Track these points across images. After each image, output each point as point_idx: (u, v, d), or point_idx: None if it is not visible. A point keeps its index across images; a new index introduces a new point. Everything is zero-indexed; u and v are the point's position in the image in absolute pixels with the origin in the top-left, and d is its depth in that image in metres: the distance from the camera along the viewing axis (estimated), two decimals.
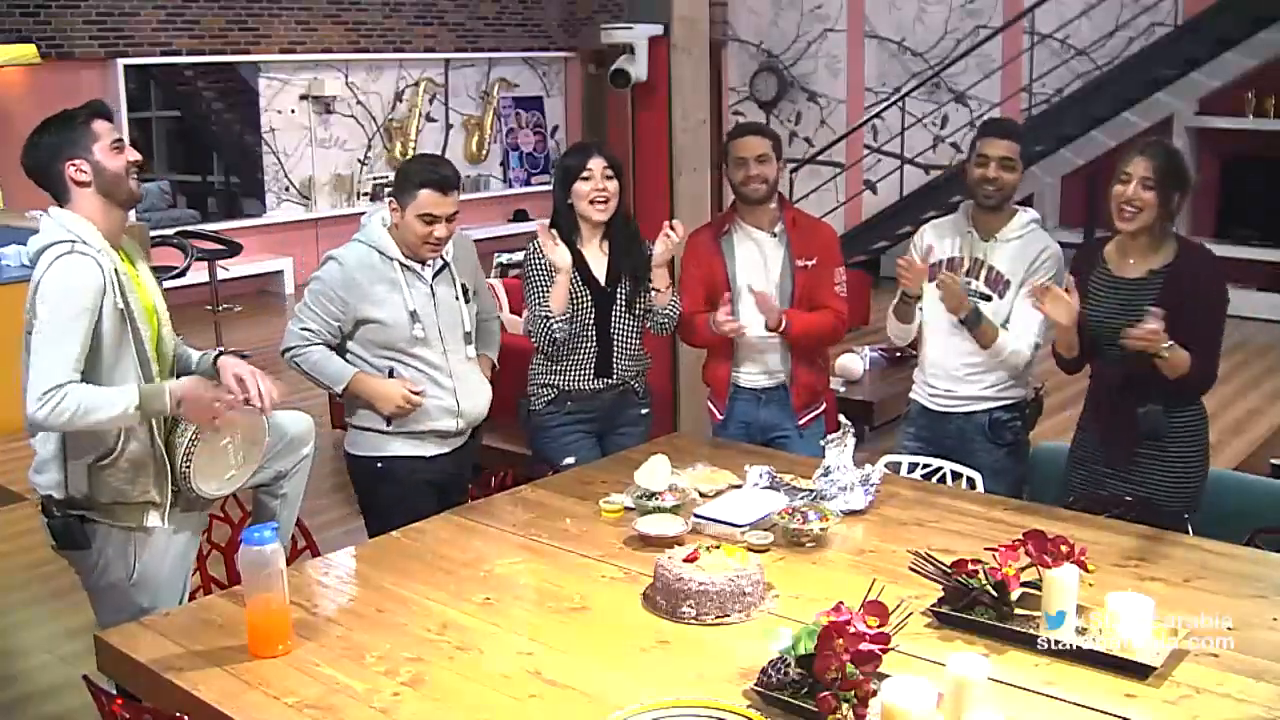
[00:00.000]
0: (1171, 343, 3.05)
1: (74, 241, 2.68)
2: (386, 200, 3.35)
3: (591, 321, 3.67)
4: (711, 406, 3.95)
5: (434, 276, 3.38)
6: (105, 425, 2.68)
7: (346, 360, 3.38)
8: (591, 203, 3.61)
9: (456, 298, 3.42)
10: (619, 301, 3.70)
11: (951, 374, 3.67)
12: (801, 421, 3.84)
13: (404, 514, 3.14)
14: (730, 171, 3.75)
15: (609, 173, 3.62)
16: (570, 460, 3.64)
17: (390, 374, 3.36)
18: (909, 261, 3.58)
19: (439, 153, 11.88)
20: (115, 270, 2.72)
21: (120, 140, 2.80)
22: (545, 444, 3.75)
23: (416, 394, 3.34)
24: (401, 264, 3.33)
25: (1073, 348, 3.32)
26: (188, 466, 2.81)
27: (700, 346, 3.95)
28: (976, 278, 3.61)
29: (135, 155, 2.82)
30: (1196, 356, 3.10)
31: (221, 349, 3.00)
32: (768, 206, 3.76)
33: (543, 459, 3.72)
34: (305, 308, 3.35)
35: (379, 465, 3.41)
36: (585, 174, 3.59)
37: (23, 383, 2.75)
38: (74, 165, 2.73)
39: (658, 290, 3.68)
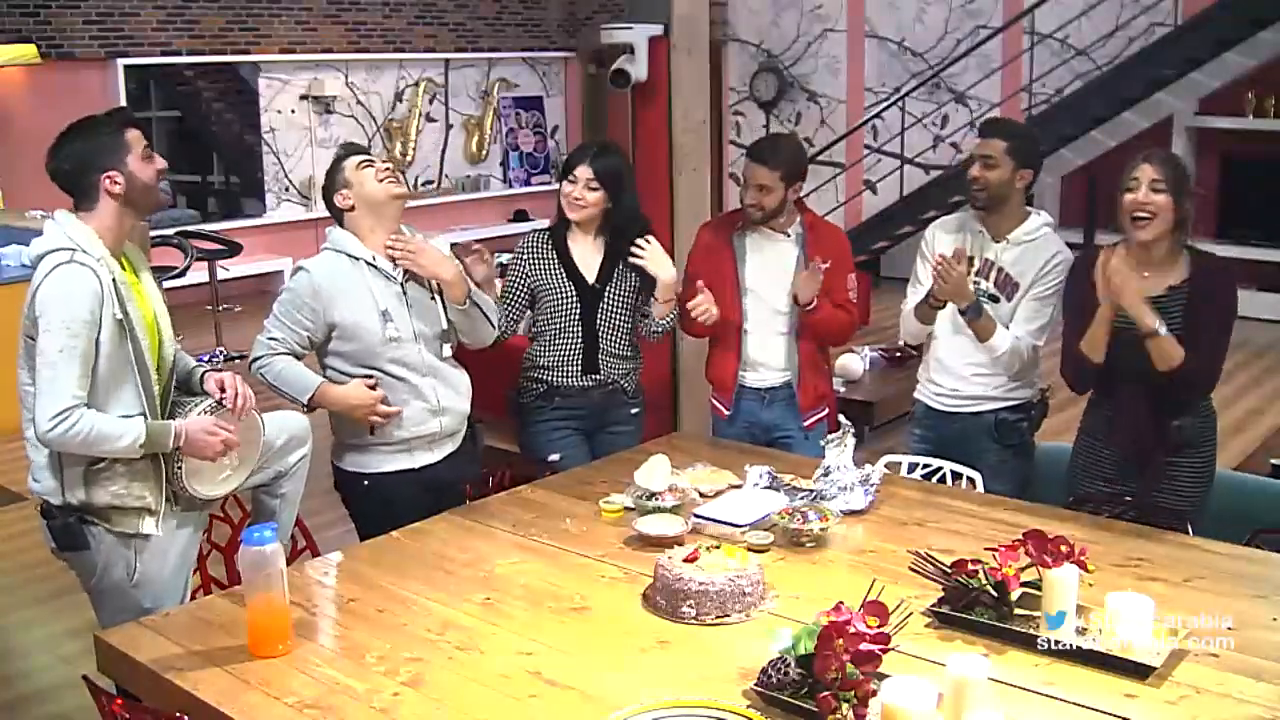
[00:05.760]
0: (1164, 325, 3.04)
1: (73, 250, 2.69)
2: (335, 200, 3.29)
3: (577, 318, 3.68)
4: (716, 403, 3.95)
5: (405, 277, 3.30)
6: (109, 453, 2.72)
7: (326, 376, 3.29)
8: (568, 203, 3.66)
9: (432, 297, 3.35)
10: (607, 299, 3.71)
11: (958, 374, 3.66)
12: (806, 423, 3.85)
13: (395, 529, 3.06)
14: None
15: (593, 184, 3.62)
16: (556, 456, 3.64)
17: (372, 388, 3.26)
18: (949, 264, 3.42)
19: (439, 153, 11.96)
20: (114, 280, 2.72)
21: (149, 147, 2.83)
22: (532, 438, 3.76)
23: (389, 407, 3.26)
24: (369, 264, 3.25)
25: (1100, 348, 3.20)
26: (179, 468, 2.82)
27: (699, 335, 3.97)
28: (986, 278, 3.60)
29: (162, 163, 2.85)
30: (1197, 355, 3.09)
31: (209, 359, 3.02)
32: (777, 217, 3.78)
33: (529, 452, 3.72)
34: (273, 318, 3.26)
35: (365, 482, 3.33)
36: (571, 178, 3.65)
37: (19, 390, 2.76)
38: (109, 177, 2.74)
39: (658, 301, 3.67)
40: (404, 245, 3.26)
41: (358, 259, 3.26)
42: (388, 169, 3.31)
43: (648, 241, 3.59)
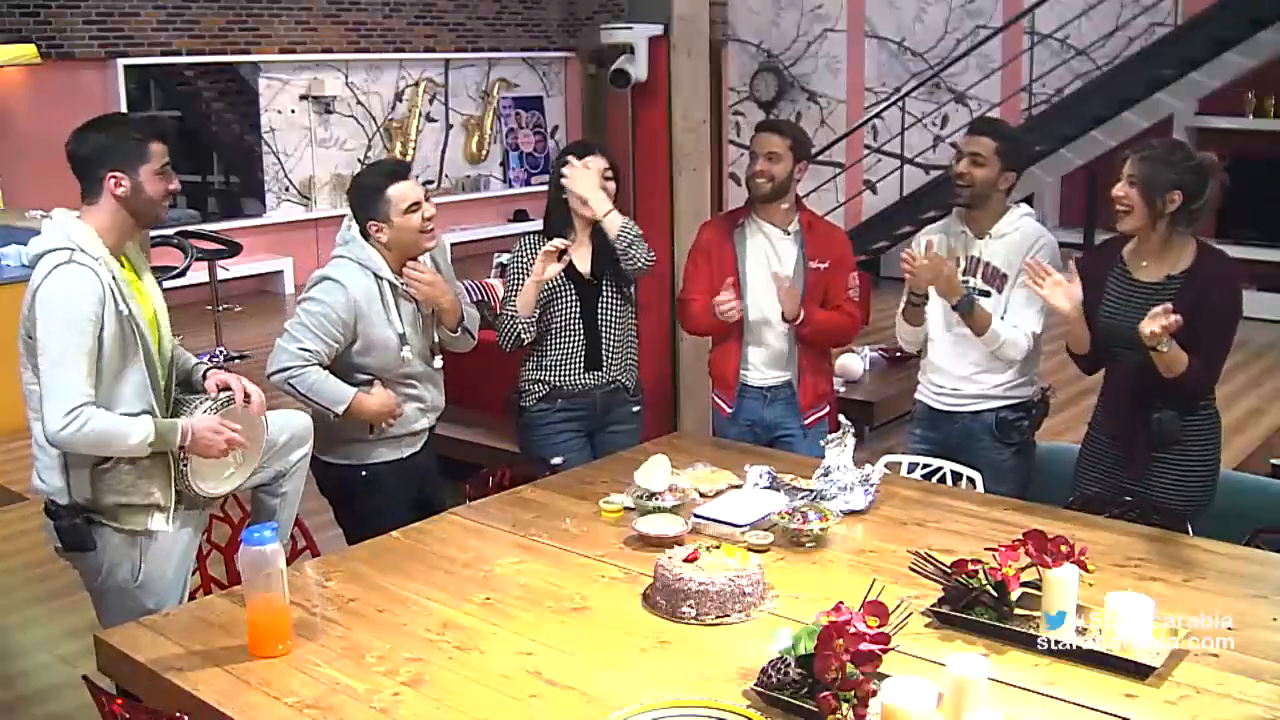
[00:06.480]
0: (1171, 340, 3.03)
1: (73, 250, 2.69)
2: (368, 225, 3.29)
3: (578, 314, 3.68)
4: (719, 400, 3.95)
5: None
6: (118, 452, 2.73)
7: (350, 382, 3.33)
8: (584, 202, 3.62)
9: (430, 316, 3.45)
10: (604, 293, 3.71)
11: (957, 374, 3.66)
12: (807, 422, 3.85)
13: (386, 520, 3.09)
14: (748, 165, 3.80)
15: (608, 173, 3.63)
16: (559, 460, 3.64)
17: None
18: (912, 255, 3.51)
19: (439, 153, 11.96)
20: (114, 278, 2.72)
21: (168, 166, 2.82)
22: (535, 441, 3.75)
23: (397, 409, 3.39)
24: (391, 284, 3.32)
25: (1082, 342, 3.28)
26: (185, 465, 2.82)
27: (698, 333, 3.96)
28: (974, 275, 3.61)
29: (176, 185, 2.86)
30: (1197, 359, 3.09)
31: (209, 359, 3.03)
32: (779, 206, 3.77)
33: (532, 456, 3.72)
34: (303, 328, 3.25)
35: (363, 473, 3.39)
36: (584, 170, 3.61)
37: (24, 390, 2.76)
38: (114, 178, 2.74)
39: (599, 220, 3.59)
40: (417, 276, 3.33)
41: (383, 278, 3.32)
42: (431, 218, 3.33)
43: (571, 167, 3.58)
